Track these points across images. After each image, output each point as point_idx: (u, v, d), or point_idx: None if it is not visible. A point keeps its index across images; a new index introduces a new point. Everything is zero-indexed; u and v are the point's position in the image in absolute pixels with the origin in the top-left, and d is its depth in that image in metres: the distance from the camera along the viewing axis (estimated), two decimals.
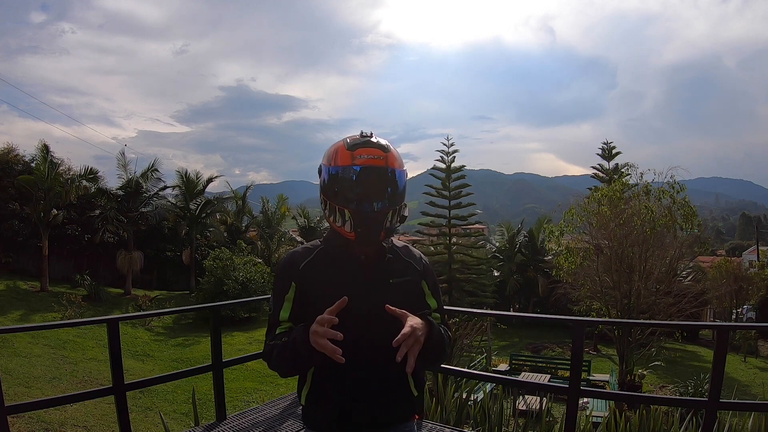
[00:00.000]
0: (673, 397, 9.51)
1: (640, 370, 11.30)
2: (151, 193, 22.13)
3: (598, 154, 23.80)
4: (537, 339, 19.70)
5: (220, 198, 25.53)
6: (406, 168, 1.46)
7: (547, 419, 4.32)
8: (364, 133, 1.42)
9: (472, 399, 4.99)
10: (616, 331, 10.87)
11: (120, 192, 21.08)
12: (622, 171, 20.17)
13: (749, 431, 4.18)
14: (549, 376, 12.25)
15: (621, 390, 10.06)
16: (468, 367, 9.99)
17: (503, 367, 13.56)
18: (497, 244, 25.96)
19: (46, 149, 18.77)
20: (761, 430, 4.14)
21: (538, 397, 7.75)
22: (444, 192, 21.38)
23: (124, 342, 5.68)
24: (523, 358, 14.24)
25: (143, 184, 21.57)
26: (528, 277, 23.85)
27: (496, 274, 24.47)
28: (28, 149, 28.23)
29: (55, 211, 18.36)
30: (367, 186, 1.37)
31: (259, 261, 20.70)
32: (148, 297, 19.02)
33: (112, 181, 21.58)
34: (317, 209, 30.42)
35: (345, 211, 1.38)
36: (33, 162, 19.76)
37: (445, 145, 21.54)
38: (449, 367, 4.15)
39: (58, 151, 19.80)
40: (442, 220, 21.61)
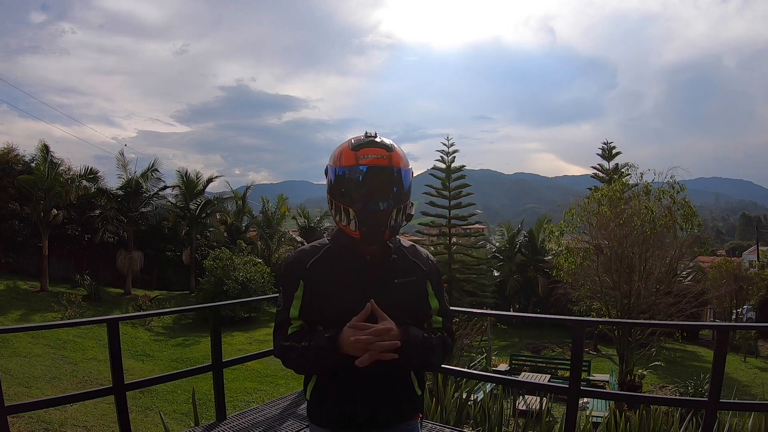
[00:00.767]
0: (673, 397, 9.51)
1: (640, 370, 11.29)
2: (151, 193, 22.11)
3: (598, 154, 23.81)
4: (537, 339, 19.69)
5: (220, 198, 25.52)
6: (411, 166, 1.47)
7: (547, 419, 4.32)
8: (368, 134, 1.43)
9: (472, 399, 5.00)
10: (616, 331, 10.86)
11: (120, 192, 21.07)
12: (622, 171, 20.18)
13: (749, 431, 4.18)
14: (549, 376, 12.25)
15: (621, 390, 10.06)
16: (468, 367, 9.99)
17: (503, 367, 13.56)
18: (497, 244, 25.96)
19: (46, 149, 18.76)
20: (761, 430, 4.15)
21: (538, 397, 7.75)
22: (444, 192, 21.39)
23: (124, 342, 5.68)
24: (523, 358, 14.23)
25: (143, 184, 21.56)
26: (528, 277, 23.84)
27: (496, 274, 24.47)
28: (28, 149, 28.24)
29: (55, 211, 18.36)
30: (371, 185, 1.38)
31: (259, 261, 20.69)
32: (148, 297, 19.02)
33: (112, 181, 21.61)
34: (317, 209, 30.45)
35: (350, 210, 1.39)
36: (33, 162, 19.76)
37: (445, 145, 21.57)
38: (449, 367, 4.15)
39: (58, 151, 19.81)
40: (442, 220, 21.62)
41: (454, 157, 21.46)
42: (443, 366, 3.75)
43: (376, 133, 1.43)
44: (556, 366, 13.38)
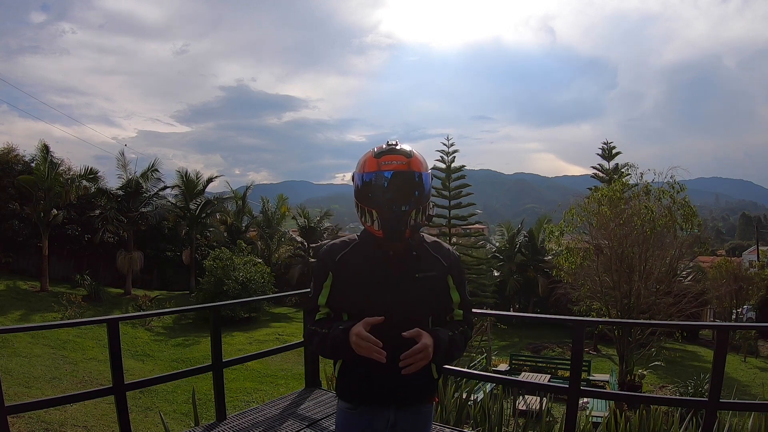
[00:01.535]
0: (673, 397, 9.51)
1: (640, 370, 11.30)
2: (151, 193, 22.11)
3: (598, 154, 23.80)
4: (537, 339, 19.69)
5: (220, 198, 25.52)
6: (430, 170, 1.61)
7: (547, 419, 4.32)
8: (389, 143, 1.57)
9: (472, 399, 4.99)
10: (616, 331, 10.87)
11: (120, 192, 21.07)
12: (622, 171, 20.17)
13: (749, 431, 4.18)
14: (549, 376, 12.25)
15: (621, 390, 10.06)
16: (468, 367, 9.99)
17: (503, 367, 13.56)
18: (497, 244, 25.96)
19: (46, 149, 18.76)
20: (761, 430, 4.14)
21: (538, 397, 7.76)
22: (444, 192, 21.37)
23: (124, 342, 5.68)
24: (523, 358, 14.23)
25: (143, 184, 21.56)
26: (528, 277, 23.84)
27: (496, 274, 24.46)
28: (28, 149, 28.26)
29: (55, 211, 18.36)
30: (392, 189, 1.52)
31: (259, 261, 20.68)
32: (148, 297, 19.01)
33: (112, 181, 21.61)
34: (317, 209, 30.46)
35: (373, 212, 1.54)
36: (33, 162, 19.77)
37: (445, 145, 21.55)
38: (449, 367, 4.15)
39: (58, 151, 19.81)
40: (442, 220, 21.60)
41: (454, 157, 21.46)
42: (443, 366, 3.84)
43: (396, 142, 1.57)
44: (556, 366, 13.37)
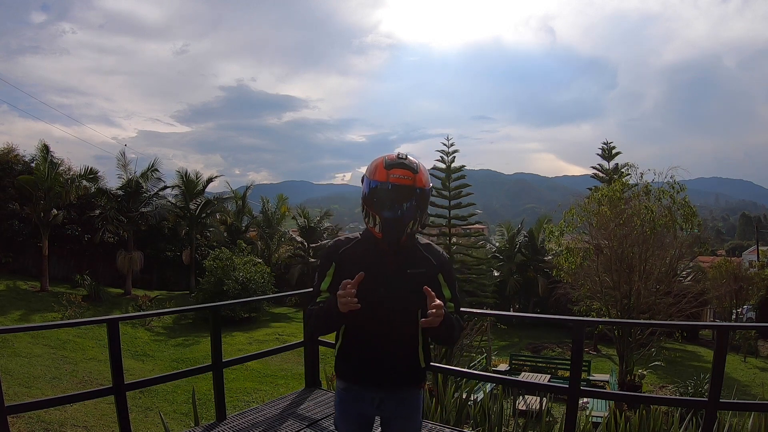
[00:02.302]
0: (673, 397, 9.52)
1: (640, 370, 11.29)
2: (151, 193, 22.09)
3: (598, 154, 23.77)
4: (537, 339, 19.69)
5: (220, 198, 25.51)
6: (431, 184, 1.82)
7: (547, 419, 4.32)
8: (400, 155, 1.75)
9: (472, 399, 4.99)
10: (616, 331, 10.86)
11: (120, 192, 21.06)
12: (622, 171, 20.15)
13: (749, 431, 4.18)
14: (549, 376, 12.24)
15: (621, 390, 10.06)
16: (468, 367, 9.99)
17: (503, 367, 13.55)
18: (497, 244, 25.94)
19: (46, 149, 18.75)
20: (761, 430, 4.14)
21: (538, 397, 7.75)
22: (444, 192, 21.36)
23: (124, 342, 5.69)
24: (523, 358, 14.22)
25: (143, 184, 21.54)
26: (528, 277, 23.83)
27: (496, 274, 24.45)
28: (28, 149, 28.22)
29: (55, 211, 18.35)
30: (396, 200, 1.72)
31: (259, 261, 20.67)
32: (148, 297, 19.00)
33: (112, 181, 21.59)
34: (317, 209, 30.48)
35: (377, 216, 1.74)
36: (33, 162, 19.75)
37: (445, 145, 21.53)
38: (449, 367, 4.15)
39: (58, 151, 19.79)
40: (442, 220, 21.60)
41: (454, 157, 21.44)
42: (443, 366, 4.02)
43: (406, 156, 1.75)
44: (556, 366, 13.36)
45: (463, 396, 4.57)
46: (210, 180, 24.56)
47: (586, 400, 9.18)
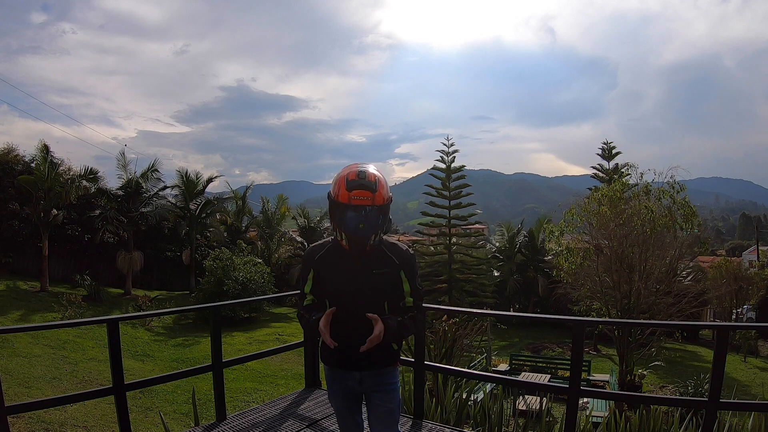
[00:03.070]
0: (673, 397, 9.52)
1: (640, 370, 11.29)
2: (151, 193, 22.06)
3: (598, 154, 23.78)
4: (537, 339, 19.69)
5: (220, 198, 25.48)
6: (391, 195, 2.04)
7: (547, 419, 4.31)
8: (360, 174, 1.96)
9: (472, 399, 5.00)
10: (616, 331, 10.85)
11: (120, 192, 21.04)
12: (622, 171, 20.16)
13: (749, 431, 4.18)
14: (549, 376, 12.25)
15: (621, 390, 10.06)
16: (468, 367, 9.99)
17: (503, 367, 13.55)
18: (497, 244, 25.94)
19: (46, 149, 18.73)
20: (761, 430, 4.14)
21: (538, 397, 7.76)
22: (444, 192, 21.38)
23: (124, 342, 5.68)
24: (523, 358, 14.22)
25: (143, 184, 21.53)
26: (528, 277, 23.82)
27: (496, 274, 24.45)
28: (28, 149, 28.23)
29: (55, 211, 18.34)
30: (357, 218, 1.96)
31: (259, 261, 20.65)
32: (148, 297, 19.00)
33: (112, 181, 21.56)
34: (317, 209, 30.44)
35: (342, 233, 2.00)
36: (33, 162, 19.72)
37: (445, 145, 21.56)
38: (449, 367, 4.16)
39: (58, 151, 19.71)
40: (442, 220, 21.61)
41: (454, 157, 21.46)
42: (443, 366, 4.21)
43: (365, 174, 1.96)
44: (556, 366, 13.36)
45: (463, 396, 4.57)
46: (210, 180, 24.55)
47: (586, 400, 9.19)
